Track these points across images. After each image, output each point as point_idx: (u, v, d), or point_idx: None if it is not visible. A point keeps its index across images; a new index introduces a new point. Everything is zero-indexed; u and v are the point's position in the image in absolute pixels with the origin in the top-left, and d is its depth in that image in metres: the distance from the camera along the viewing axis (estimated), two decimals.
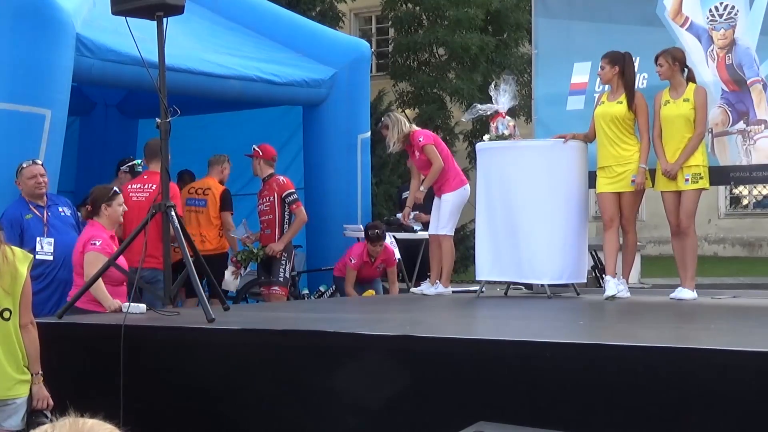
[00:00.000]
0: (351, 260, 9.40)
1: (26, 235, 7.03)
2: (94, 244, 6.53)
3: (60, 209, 7.32)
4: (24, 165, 7.16)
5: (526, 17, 15.30)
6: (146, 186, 8.05)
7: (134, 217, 7.40)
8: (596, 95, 8.43)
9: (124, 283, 6.60)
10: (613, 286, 7.68)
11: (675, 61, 7.65)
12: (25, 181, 7.14)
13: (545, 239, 7.90)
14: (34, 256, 6.78)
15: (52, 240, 7.09)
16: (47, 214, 7.19)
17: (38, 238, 7.04)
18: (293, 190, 9.02)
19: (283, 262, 9.00)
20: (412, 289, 8.87)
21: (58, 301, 6.91)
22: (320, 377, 4.87)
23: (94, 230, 6.64)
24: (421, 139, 8.59)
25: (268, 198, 9.01)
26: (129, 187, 8.12)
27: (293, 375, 5.00)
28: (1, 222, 6.89)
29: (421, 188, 8.65)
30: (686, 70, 7.74)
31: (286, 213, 8.94)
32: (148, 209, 6.34)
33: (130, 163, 8.87)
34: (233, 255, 9.12)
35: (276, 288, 8.93)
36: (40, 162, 7.22)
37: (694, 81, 7.74)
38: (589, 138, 8.07)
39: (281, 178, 9.08)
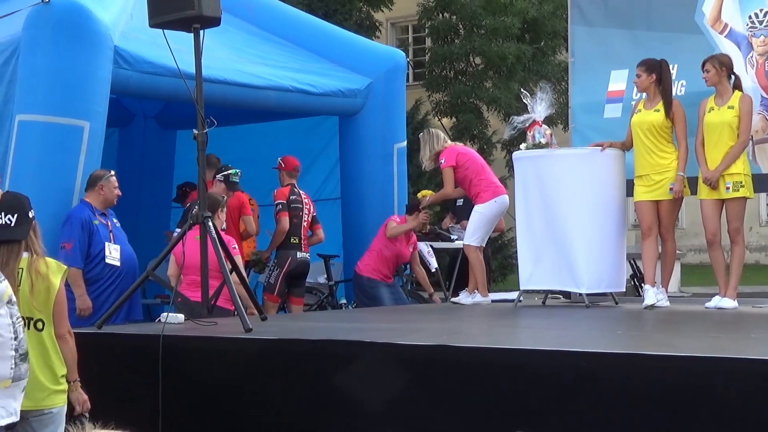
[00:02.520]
0: (396, 219, 9.34)
1: (94, 238, 7.15)
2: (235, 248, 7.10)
3: (115, 220, 7.48)
4: (111, 173, 7.34)
5: (563, 25, 15.25)
6: None
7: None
8: (633, 103, 8.40)
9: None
10: (652, 295, 7.64)
11: (722, 67, 7.60)
12: (111, 189, 7.31)
13: (583, 248, 7.89)
14: (104, 261, 7.00)
15: (118, 247, 7.24)
16: (110, 223, 7.32)
17: (107, 244, 7.17)
18: (281, 201, 9.12)
19: (270, 268, 9.13)
20: (451, 299, 8.85)
21: (127, 309, 7.01)
22: (357, 387, 4.89)
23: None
24: (442, 161, 8.64)
25: None
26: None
27: (330, 385, 5.03)
28: (72, 222, 7.04)
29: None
30: (733, 77, 7.69)
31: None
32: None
33: (226, 172, 8.82)
34: None
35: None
36: (113, 172, 7.44)
37: (740, 89, 7.69)
38: (626, 146, 8.04)
39: (281, 188, 9.21)
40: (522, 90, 8.89)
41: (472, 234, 8.56)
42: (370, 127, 9.85)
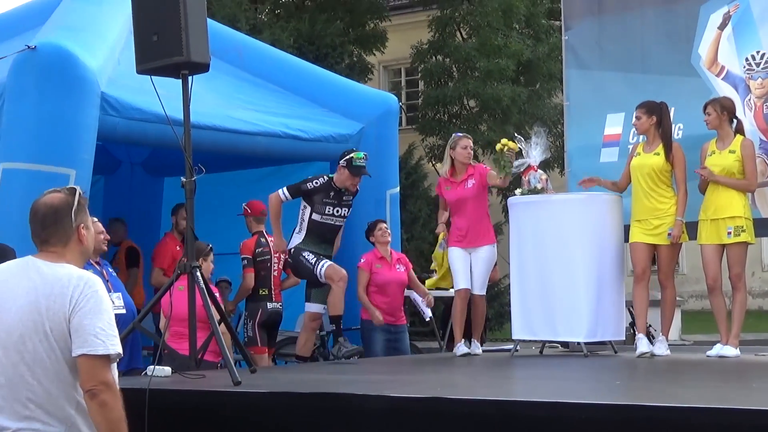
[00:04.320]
0: (361, 260, 9.26)
1: None
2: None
3: (110, 269, 7.49)
4: (94, 220, 7.29)
5: (559, 67, 15.37)
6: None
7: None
8: (630, 146, 8.46)
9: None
10: (645, 344, 7.67)
11: (724, 111, 7.67)
12: (96, 236, 7.29)
13: (580, 295, 7.90)
14: None
15: (119, 294, 7.24)
16: (105, 271, 7.32)
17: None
18: (246, 256, 9.14)
19: (244, 321, 9.18)
20: (456, 350, 8.46)
21: (128, 357, 7.00)
22: None
23: None
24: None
25: None
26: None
27: None
28: None
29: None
30: (735, 121, 7.76)
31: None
32: None
33: (348, 156, 8.23)
34: None
35: None
36: (98, 219, 7.38)
37: (742, 133, 7.75)
38: (619, 188, 8.08)
39: (246, 241, 9.24)
40: (516, 135, 8.95)
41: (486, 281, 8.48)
42: None
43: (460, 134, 8.78)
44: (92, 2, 8.78)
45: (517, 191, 8.54)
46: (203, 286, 6.25)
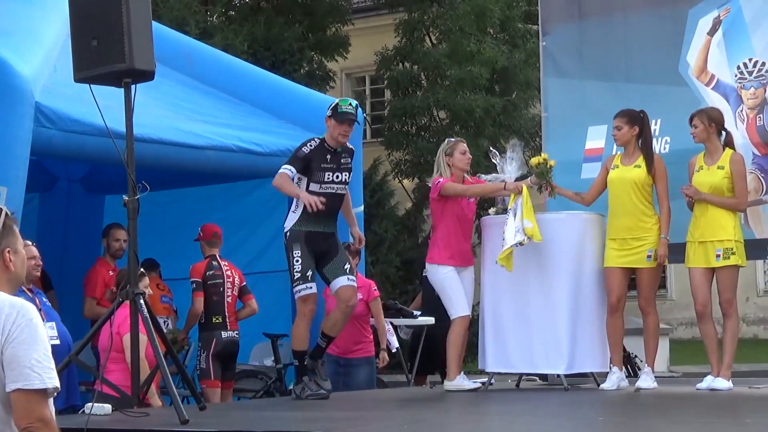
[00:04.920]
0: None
1: None
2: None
3: (45, 299, 7.43)
4: (28, 243, 7.24)
5: (537, 75, 15.49)
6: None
7: None
8: (607, 158, 8.44)
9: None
10: (615, 379, 7.74)
11: (711, 123, 7.73)
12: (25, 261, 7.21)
13: (560, 323, 7.91)
14: None
15: (53, 324, 7.17)
16: (38, 300, 7.26)
17: None
18: (195, 279, 9.15)
19: (198, 351, 9.16)
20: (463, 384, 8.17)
21: (65, 393, 6.93)
22: None
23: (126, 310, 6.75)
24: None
25: None
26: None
27: None
28: None
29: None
30: (724, 133, 7.83)
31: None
32: None
33: (333, 104, 7.86)
34: None
35: None
36: (32, 243, 7.31)
37: (732, 146, 7.82)
38: (586, 200, 8.13)
39: (196, 264, 9.24)
40: (491, 149, 8.97)
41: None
42: None
43: (453, 139, 8.58)
44: (25, 2, 8.74)
45: (491, 210, 8.56)
46: (147, 315, 6.21)
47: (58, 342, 7.12)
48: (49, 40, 8.43)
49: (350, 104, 7.83)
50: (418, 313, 10.03)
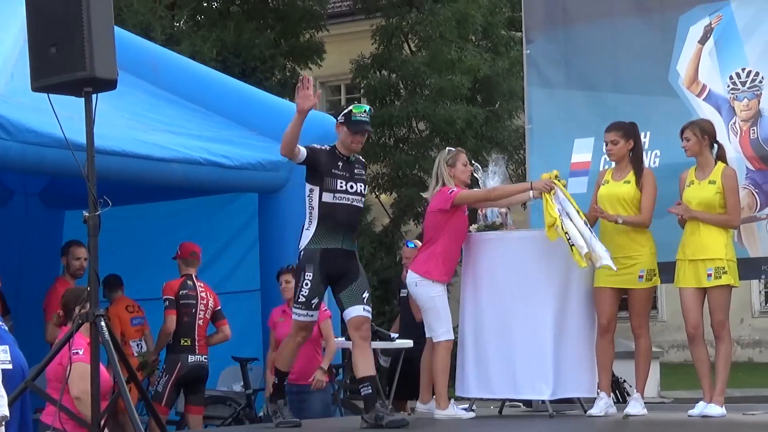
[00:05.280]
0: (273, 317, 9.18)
1: None
2: (77, 353, 6.57)
3: (1, 323, 7.38)
4: None
5: (521, 84, 15.55)
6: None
7: None
8: (599, 173, 8.46)
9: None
10: (602, 405, 7.75)
11: (704, 135, 7.75)
12: None
13: (544, 347, 7.91)
14: None
15: (6, 347, 7.12)
16: None
17: None
18: (167, 296, 9.20)
19: (159, 375, 9.21)
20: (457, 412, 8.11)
21: (18, 424, 6.89)
22: None
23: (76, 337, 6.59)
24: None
25: None
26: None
27: None
28: None
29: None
30: (716, 146, 7.86)
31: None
32: None
33: (345, 111, 7.77)
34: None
35: None
36: None
37: (724, 160, 7.85)
38: (589, 222, 8.13)
39: (170, 281, 9.27)
40: (473, 162, 8.99)
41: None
42: (296, 205, 9.85)
43: (454, 149, 8.52)
44: None
45: (472, 227, 8.56)
46: (108, 338, 6.19)
47: (10, 366, 7.05)
48: (5, 47, 8.43)
49: (364, 111, 7.70)
50: (396, 335, 10.01)
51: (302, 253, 7.53)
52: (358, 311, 7.47)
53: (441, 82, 18.88)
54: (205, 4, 20.47)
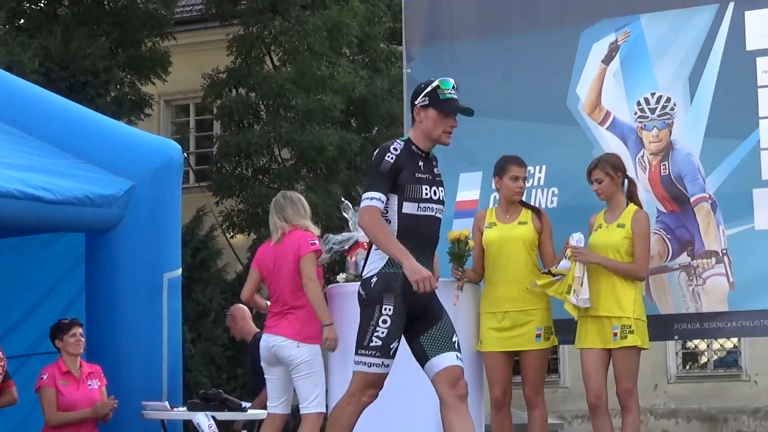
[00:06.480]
0: (42, 377, 9.15)
1: None
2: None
3: None
4: None
5: (402, 107, 15.71)
6: None
7: None
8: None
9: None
10: None
11: (617, 172, 7.89)
12: None
13: (417, 421, 7.93)
14: None
15: None
16: None
17: None
18: None
19: None
20: None
21: None
22: None
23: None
24: None
25: None
26: None
27: None
28: None
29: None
30: (626, 182, 8.00)
31: None
32: None
33: (429, 89, 6.75)
34: None
35: None
36: None
37: (635, 199, 7.99)
38: (479, 275, 8.19)
39: None
40: (342, 200, 9.05)
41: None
42: (131, 248, 9.83)
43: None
44: None
45: (340, 276, 8.59)
46: None
47: None
48: None
49: (453, 87, 6.83)
50: (248, 404, 9.97)
51: (374, 279, 6.61)
52: (451, 359, 6.53)
53: (309, 102, 18.87)
54: (27, 4, 20.21)
